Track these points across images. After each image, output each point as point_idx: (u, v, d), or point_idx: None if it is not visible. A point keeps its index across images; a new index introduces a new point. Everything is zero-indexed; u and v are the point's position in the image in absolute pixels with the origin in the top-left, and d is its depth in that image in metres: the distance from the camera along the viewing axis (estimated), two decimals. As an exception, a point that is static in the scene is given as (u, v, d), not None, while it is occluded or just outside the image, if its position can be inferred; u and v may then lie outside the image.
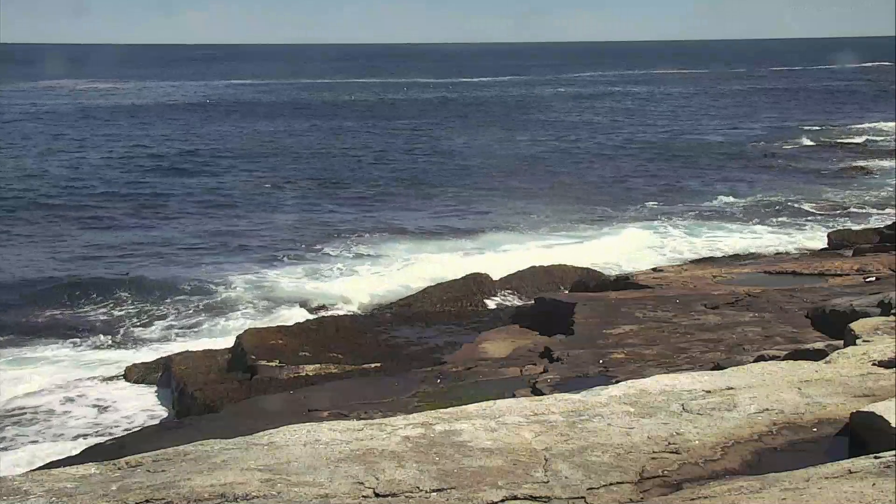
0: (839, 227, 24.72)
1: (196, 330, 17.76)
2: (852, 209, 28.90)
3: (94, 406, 13.53)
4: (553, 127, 54.58)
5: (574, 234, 25.46)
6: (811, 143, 45.49)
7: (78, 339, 17.21)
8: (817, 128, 53.12)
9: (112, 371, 15.18)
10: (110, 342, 17.18)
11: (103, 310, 18.92)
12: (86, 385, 14.36)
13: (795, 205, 29.71)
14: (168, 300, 19.45)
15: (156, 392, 13.93)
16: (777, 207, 29.40)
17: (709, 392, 5.44)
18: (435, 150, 44.15)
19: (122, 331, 17.77)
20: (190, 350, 15.12)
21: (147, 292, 20.07)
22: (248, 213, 29.06)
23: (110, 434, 12.22)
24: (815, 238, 24.04)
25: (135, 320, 18.36)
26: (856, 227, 24.36)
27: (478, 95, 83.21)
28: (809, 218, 27.67)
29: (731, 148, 44.39)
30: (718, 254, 22.88)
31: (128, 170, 37.12)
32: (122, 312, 18.76)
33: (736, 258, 21.59)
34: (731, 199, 31.01)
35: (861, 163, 38.34)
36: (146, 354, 16.16)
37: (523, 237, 24.92)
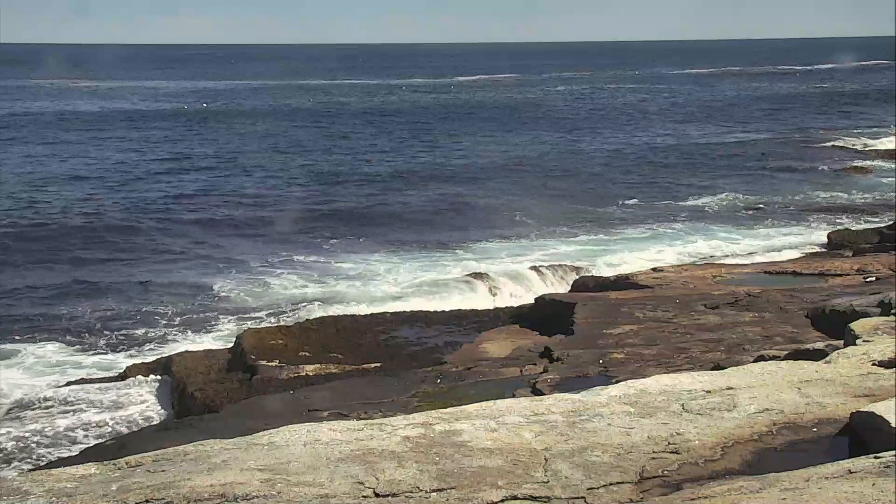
0: (839, 227, 24.73)
1: (196, 330, 17.77)
2: (852, 209, 28.91)
3: (95, 406, 13.52)
4: (552, 127, 54.54)
5: (574, 239, 25.42)
6: (811, 143, 45.47)
7: (78, 340, 17.23)
8: (817, 127, 53.11)
9: (112, 371, 15.20)
10: (110, 343, 17.19)
11: (103, 310, 18.92)
12: (86, 385, 14.36)
13: (795, 205, 29.73)
14: (168, 301, 19.47)
15: (156, 392, 13.93)
16: (777, 207, 29.42)
17: (709, 392, 5.43)
18: (435, 150, 44.14)
19: (122, 331, 17.77)
20: (190, 350, 15.14)
21: (147, 293, 20.11)
22: (248, 215, 29.05)
23: (110, 434, 12.23)
24: (815, 238, 24.06)
25: (135, 320, 18.36)
26: (856, 227, 24.38)
27: (477, 96, 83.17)
28: (809, 218, 27.68)
29: (730, 148, 44.37)
30: (718, 254, 22.90)
31: (126, 172, 37.09)
32: (122, 313, 18.76)
33: (736, 258, 21.62)
34: (730, 199, 31.01)
35: (861, 163, 38.33)
36: (146, 354, 16.18)
37: (521, 244, 24.81)
